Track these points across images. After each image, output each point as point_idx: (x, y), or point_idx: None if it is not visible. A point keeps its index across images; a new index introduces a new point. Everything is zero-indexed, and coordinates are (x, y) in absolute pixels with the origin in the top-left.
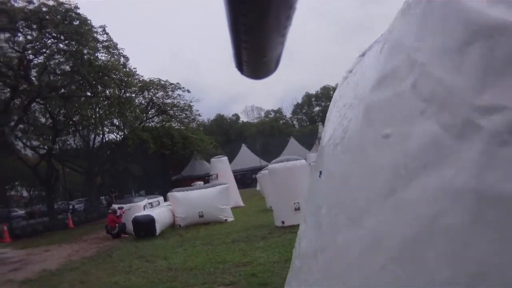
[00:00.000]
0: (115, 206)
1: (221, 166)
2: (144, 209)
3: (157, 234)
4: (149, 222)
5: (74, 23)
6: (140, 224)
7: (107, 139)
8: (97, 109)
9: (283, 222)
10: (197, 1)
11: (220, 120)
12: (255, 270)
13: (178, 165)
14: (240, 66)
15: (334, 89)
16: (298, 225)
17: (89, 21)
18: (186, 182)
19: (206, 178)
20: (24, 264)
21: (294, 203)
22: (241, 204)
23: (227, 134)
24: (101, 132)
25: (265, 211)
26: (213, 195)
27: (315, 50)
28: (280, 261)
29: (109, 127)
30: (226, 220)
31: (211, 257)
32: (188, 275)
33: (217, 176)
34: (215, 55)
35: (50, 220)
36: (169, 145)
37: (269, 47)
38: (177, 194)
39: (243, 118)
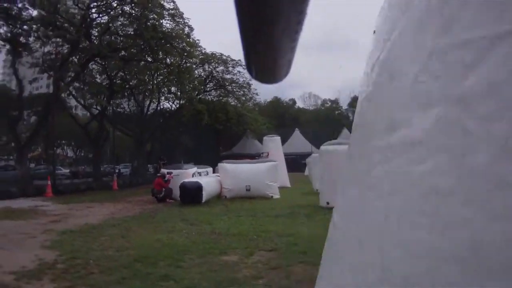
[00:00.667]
0: (164, 170)
1: (273, 145)
2: (192, 176)
3: (203, 201)
4: (196, 189)
5: None
6: (187, 190)
7: (162, 106)
8: (156, 75)
9: (327, 203)
10: None
11: (276, 102)
12: (297, 241)
13: (229, 141)
14: (250, 69)
15: None
16: None
17: None
18: (236, 159)
19: (256, 158)
20: (65, 217)
21: None
22: (288, 185)
23: (281, 117)
24: (156, 99)
25: (310, 193)
26: (262, 171)
27: None
28: (322, 235)
29: (166, 95)
30: (272, 196)
31: (255, 227)
32: (231, 240)
33: (268, 154)
34: None
35: (94, 181)
36: (223, 120)
37: (279, 53)
38: (227, 166)
39: (299, 104)
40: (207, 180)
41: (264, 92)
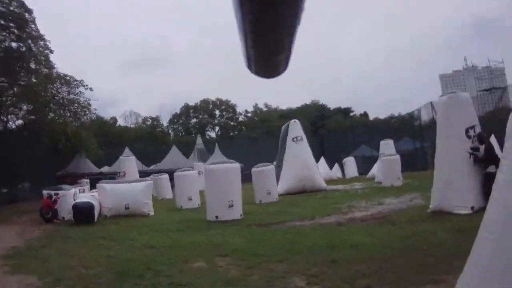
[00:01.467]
0: (51, 192)
1: (129, 164)
2: (74, 197)
3: (95, 221)
4: (89, 208)
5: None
6: (80, 210)
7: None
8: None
9: (216, 217)
10: None
11: (100, 121)
12: (239, 247)
13: (62, 161)
14: (249, 64)
15: (214, 103)
16: (231, 220)
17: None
18: (73, 179)
19: (87, 177)
20: None
21: (228, 201)
22: None
23: (106, 136)
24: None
25: (175, 209)
26: (139, 189)
27: (198, 61)
28: (251, 241)
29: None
30: (149, 214)
31: (176, 240)
32: (179, 251)
33: (125, 174)
34: (93, 52)
35: None
36: (63, 140)
37: (277, 47)
38: (105, 186)
39: (120, 122)
40: (93, 200)
41: None
